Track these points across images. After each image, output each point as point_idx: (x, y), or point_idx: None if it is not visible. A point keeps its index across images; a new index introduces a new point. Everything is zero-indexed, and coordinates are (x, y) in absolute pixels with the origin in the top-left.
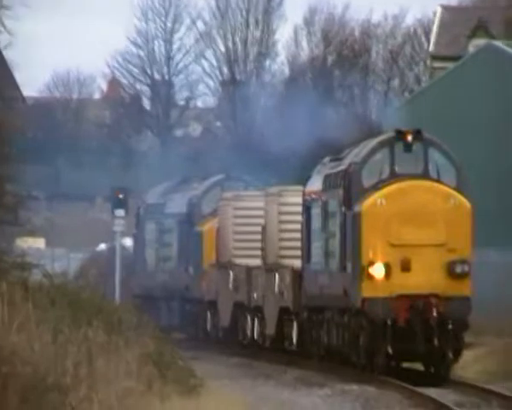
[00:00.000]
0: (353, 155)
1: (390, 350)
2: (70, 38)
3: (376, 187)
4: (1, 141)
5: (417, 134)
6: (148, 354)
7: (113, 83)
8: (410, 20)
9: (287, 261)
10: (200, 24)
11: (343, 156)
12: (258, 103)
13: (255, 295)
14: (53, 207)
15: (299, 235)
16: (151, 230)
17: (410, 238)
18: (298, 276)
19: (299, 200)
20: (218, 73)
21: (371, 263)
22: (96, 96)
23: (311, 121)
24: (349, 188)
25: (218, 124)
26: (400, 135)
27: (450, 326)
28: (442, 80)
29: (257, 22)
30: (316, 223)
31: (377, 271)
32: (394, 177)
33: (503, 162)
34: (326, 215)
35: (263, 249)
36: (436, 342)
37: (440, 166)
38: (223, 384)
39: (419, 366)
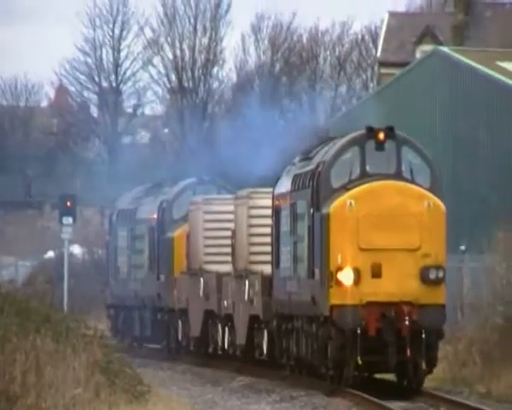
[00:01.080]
0: (322, 154)
1: (360, 361)
2: (17, 45)
3: (346, 188)
4: None
5: (390, 132)
6: (96, 361)
7: (61, 90)
8: (357, 27)
9: (257, 267)
10: (147, 31)
11: (312, 155)
12: (205, 110)
13: (225, 302)
14: (0, 215)
15: (269, 239)
16: (123, 237)
17: (381, 242)
18: (268, 282)
19: (270, 202)
20: (165, 80)
21: (339, 269)
22: (44, 103)
23: (258, 130)
24: (317, 189)
25: (166, 131)
26: (371, 132)
27: (423, 336)
28: (389, 86)
29: (204, 29)
30: (284, 226)
31: (346, 277)
32: (365, 177)
33: (451, 167)
34: (295, 218)
35: (233, 255)
36: (409, 352)
37: (414, 166)
38: (171, 391)
39: (392, 377)
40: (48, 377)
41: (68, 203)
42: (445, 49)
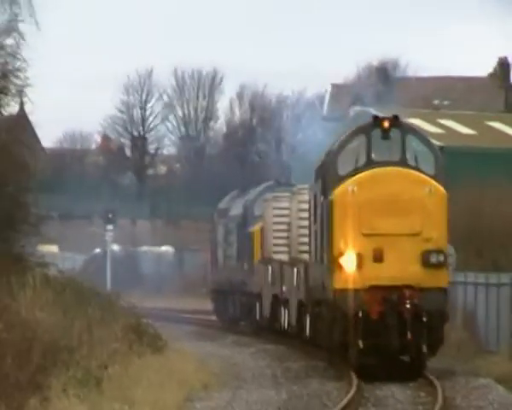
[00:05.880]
0: (333, 144)
1: (361, 345)
2: (77, 104)
3: (351, 175)
4: (27, 178)
5: (395, 120)
6: (129, 324)
7: (105, 137)
8: (310, 94)
9: (304, 256)
10: (165, 96)
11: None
12: (204, 152)
13: (284, 288)
14: (64, 223)
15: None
16: (220, 232)
17: (383, 227)
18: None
19: None
20: (177, 131)
21: (342, 254)
22: (93, 146)
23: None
24: (325, 177)
25: (178, 166)
26: (377, 121)
27: (424, 319)
28: (331, 136)
29: (204, 96)
30: (312, 216)
31: (348, 262)
32: (370, 164)
33: None
34: (315, 207)
35: (288, 245)
36: (410, 335)
37: (419, 154)
38: (181, 345)
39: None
40: (96, 335)
41: (110, 215)
42: (370, 109)
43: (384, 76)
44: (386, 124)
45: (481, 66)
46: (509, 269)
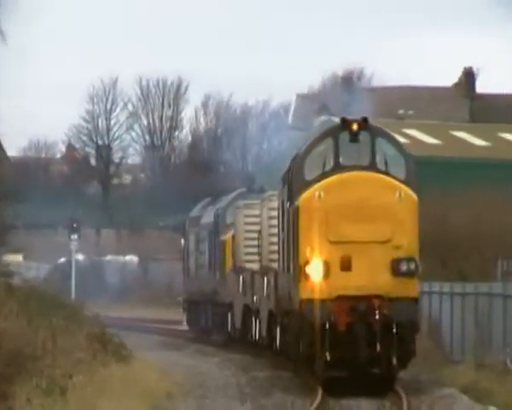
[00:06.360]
0: (299, 148)
1: (328, 357)
2: (40, 113)
3: (318, 180)
4: None
5: (364, 123)
6: (94, 334)
7: (70, 147)
8: (275, 103)
9: (273, 265)
10: (129, 105)
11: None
12: (169, 161)
13: (255, 298)
14: (28, 232)
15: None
16: (192, 240)
17: (351, 234)
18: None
19: None
20: (142, 140)
21: (308, 262)
22: (58, 155)
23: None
24: (291, 182)
25: (142, 175)
26: (346, 124)
27: (394, 330)
28: (296, 145)
29: (169, 104)
30: (280, 224)
31: (314, 270)
32: (338, 168)
33: None
34: (283, 214)
35: (259, 254)
36: (379, 347)
37: (389, 157)
38: (145, 354)
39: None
40: (60, 344)
41: (74, 225)
42: (335, 118)
43: (349, 85)
44: (354, 126)
45: (446, 75)
46: (473, 278)
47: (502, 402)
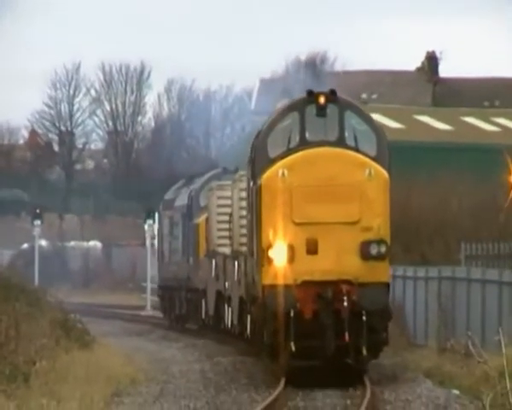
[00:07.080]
0: (263, 123)
1: (293, 347)
2: (1, 99)
3: (282, 157)
4: None
5: (332, 95)
6: (57, 320)
7: (33, 132)
8: (238, 89)
9: (243, 249)
10: (92, 91)
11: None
12: (132, 146)
13: (227, 284)
14: None
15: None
16: (166, 224)
17: (317, 215)
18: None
19: None
20: (105, 125)
21: (271, 245)
22: (21, 141)
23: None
24: (254, 160)
25: (105, 161)
26: (312, 97)
27: (364, 318)
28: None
29: (132, 90)
30: (247, 205)
31: (278, 254)
32: (304, 145)
33: None
34: (248, 195)
35: (230, 237)
36: (347, 336)
37: (359, 133)
38: (109, 340)
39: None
40: (23, 331)
41: (38, 210)
42: None
43: (312, 70)
44: (321, 99)
45: (409, 60)
46: (436, 263)
47: (464, 386)
